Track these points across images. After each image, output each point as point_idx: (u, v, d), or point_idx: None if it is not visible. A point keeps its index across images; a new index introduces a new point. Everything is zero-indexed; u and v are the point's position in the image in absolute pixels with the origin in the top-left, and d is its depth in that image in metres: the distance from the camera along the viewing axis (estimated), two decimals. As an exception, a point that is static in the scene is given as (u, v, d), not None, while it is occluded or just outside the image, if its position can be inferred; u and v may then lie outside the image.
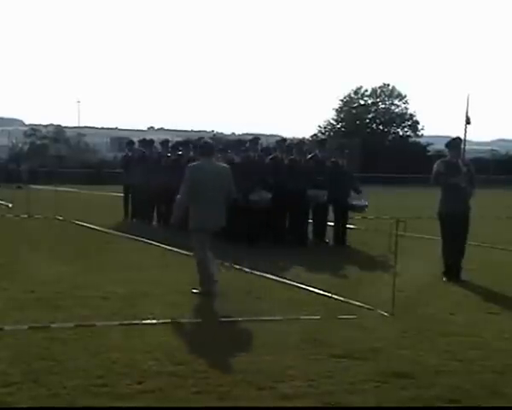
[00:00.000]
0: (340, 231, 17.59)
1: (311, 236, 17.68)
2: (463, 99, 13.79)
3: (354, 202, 17.56)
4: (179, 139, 29.87)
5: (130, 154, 23.34)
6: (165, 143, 22.90)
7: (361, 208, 17.83)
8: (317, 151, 18.41)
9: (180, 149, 21.39)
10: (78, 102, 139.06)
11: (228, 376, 6.96)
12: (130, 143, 24.38)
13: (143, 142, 23.61)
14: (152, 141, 23.46)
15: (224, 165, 11.96)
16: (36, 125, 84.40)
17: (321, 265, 14.01)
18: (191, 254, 13.78)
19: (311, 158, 17.87)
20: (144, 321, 9.00)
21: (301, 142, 29.40)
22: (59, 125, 78.01)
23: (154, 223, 21.22)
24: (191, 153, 20.05)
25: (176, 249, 15.29)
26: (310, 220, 17.74)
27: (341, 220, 17.65)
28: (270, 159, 17.48)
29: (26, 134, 71.69)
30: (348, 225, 17.97)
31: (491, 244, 16.90)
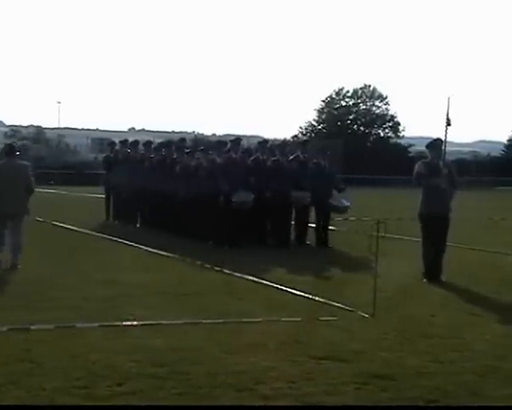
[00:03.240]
0: (323, 232, 17.59)
1: (292, 237, 17.68)
2: (444, 100, 13.82)
3: (336, 203, 17.55)
4: (161, 140, 29.84)
5: (111, 155, 23.31)
6: (147, 144, 22.85)
7: (343, 209, 17.80)
8: (298, 152, 18.43)
9: (163, 150, 21.37)
10: (59, 102, 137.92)
11: (208, 377, 6.96)
12: (112, 144, 24.35)
13: (125, 143, 23.57)
14: (137, 142, 23.40)
15: (25, 163, 14.04)
16: (16, 126, 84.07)
17: (302, 266, 14.02)
18: (172, 255, 13.80)
19: (293, 159, 17.88)
20: (125, 323, 8.99)
21: (283, 143, 29.45)
22: (39, 126, 77.74)
23: (138, 225, 21.11)
24: (174, 154, 20.07)
25: (157, 251, 15.27)
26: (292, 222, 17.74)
27: (324, 222, 17.66)
28: (252, 160, 17.48)
29: (6, 135, 71.35)
30: (330, 227, 17.97)
31: (471, 246, 16.96)
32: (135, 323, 9.00)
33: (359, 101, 73.19)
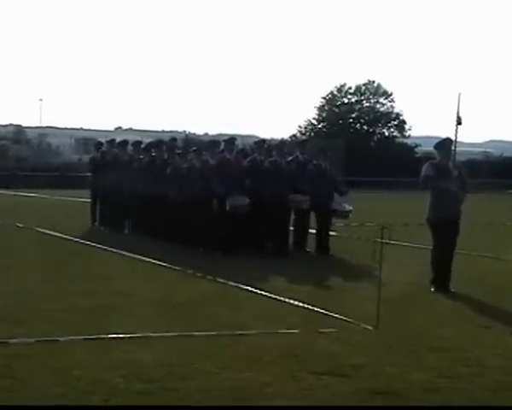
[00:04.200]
0: (323, 238, 17.56)
1: (291, 244, 17.66)
2: (454, 98, 13.75)
3: (337, 207, 17.54)
4: (150, 140, 29.83)
5: (98, 156, 23.26)
6: (137, 144, 22.83)
7: (345, 214, 17.78)
8: (297, 153, 18.42)
9: (153, 150, 21.35)
10: (41, 100, 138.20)
11: (200, 394, 6.96)
12: (99, 144, 24.28)
13: (113, 143, 23.51)
14: (125, 142, 23.33)
15: None
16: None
17: (301, 275, 14.02)
18: (162, 263, 13.81)
19: (292, 160, 17.87)
20: (111, 335, 8.98)
21: (282, 143, 29.43)
22: (19, 126, 77.52)
23: (126, 230, 21.03)
24: (165, 155, 20.06)
25: (145, 259, 15.25)
26: (290, 228, 17.73)
27: (324, 227, 17.62)
28: (248, 161, 17.48)
29: (-17, 135, 71.22)
30: (331, 233, 17.96)
31: (481, 253, 16.96)
32: (121, 336, 8.99)
33: (362, 98, 73.14)
